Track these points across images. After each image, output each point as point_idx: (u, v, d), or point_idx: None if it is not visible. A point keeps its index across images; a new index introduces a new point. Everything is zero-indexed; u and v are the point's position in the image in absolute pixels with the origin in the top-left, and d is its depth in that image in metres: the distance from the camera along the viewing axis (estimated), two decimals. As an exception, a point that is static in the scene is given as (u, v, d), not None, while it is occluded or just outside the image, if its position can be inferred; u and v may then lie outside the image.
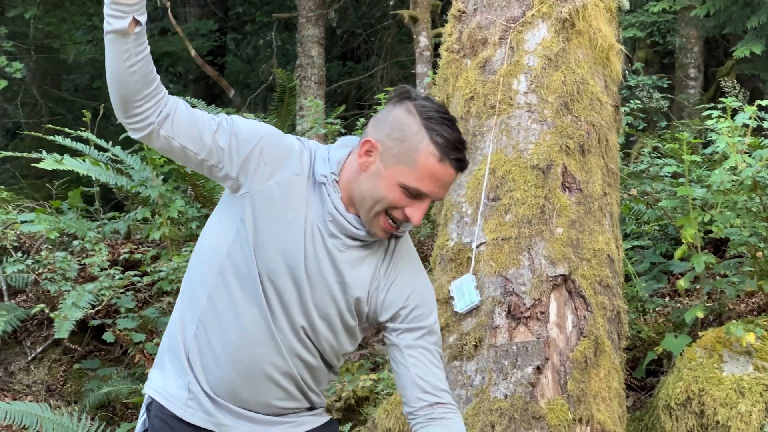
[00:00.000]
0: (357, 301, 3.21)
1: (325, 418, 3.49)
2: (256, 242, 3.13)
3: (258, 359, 3.21)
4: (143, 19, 2.90)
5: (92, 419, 6.73)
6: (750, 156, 5.65)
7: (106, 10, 2.87)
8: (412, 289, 3.26)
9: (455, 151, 2.99)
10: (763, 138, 6.41)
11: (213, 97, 17.69)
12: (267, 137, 3.13)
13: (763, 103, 5.83)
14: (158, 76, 3.05)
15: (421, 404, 3.21)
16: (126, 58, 2.92)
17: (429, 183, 3.01)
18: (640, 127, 8.42)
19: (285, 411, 3.34)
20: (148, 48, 2.98)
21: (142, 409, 3.41)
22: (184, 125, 3.06)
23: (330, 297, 3.19)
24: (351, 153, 3.16)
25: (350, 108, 13.98)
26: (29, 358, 7.50)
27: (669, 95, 10.71)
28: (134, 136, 3.08)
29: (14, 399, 6.93)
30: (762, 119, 5.99)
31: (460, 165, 3.04)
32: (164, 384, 3.33)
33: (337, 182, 3.13)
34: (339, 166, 3.14)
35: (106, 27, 2.89)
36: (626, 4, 5.47)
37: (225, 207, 3.23)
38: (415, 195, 3.03)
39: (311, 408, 3.43)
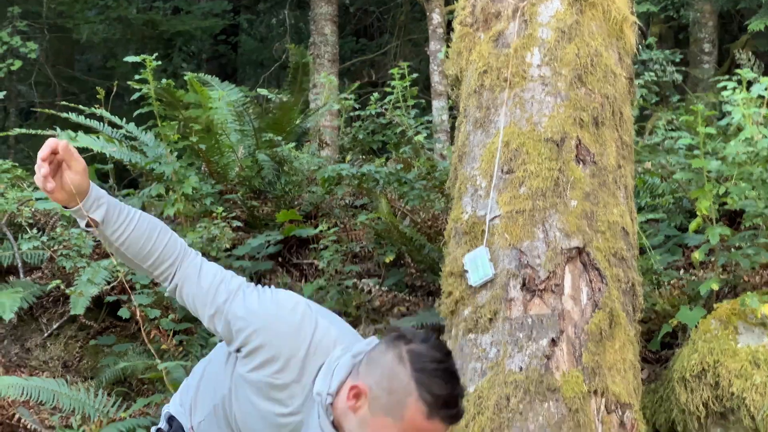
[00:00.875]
0: None
1: None
2: (232, 420, 3.21)
3: None
4: (98, 215, 2.97)
5: (108, 395, 6.74)
6: (765, 127, 5.62)
7: (76, 216, 3.01)
8: None
9: (446, 407, 2.81)
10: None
11: (226, 76, 17.68)
12: (262, 331, 3.03)
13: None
14: (164, 243, 3.09)
15: None
16: (109, 243, 3.04)
17: None
18: (654, 101, 8.40)
19: None
20: (133, 229, 3.04)
21: (162, 421, 3.52)
22: (188, 302, 3.13)
23: None
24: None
25: (364, 86, 13.95)
26: (45, 334, 7.51)
27: (684, 68, 10.67)
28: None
29: (31, 375, 6.95)
30: (776, 90, 5.95)
31: (452, 420, 2.85)
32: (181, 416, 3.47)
33: (332, 405, 2.97)
34: (339, 385, 2.96)
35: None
36: (640, -24, 5.45)
37: (225, 359, 3.26)
38: None
39: None
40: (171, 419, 3.45)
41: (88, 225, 2.99)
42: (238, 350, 3.05)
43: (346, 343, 3.04)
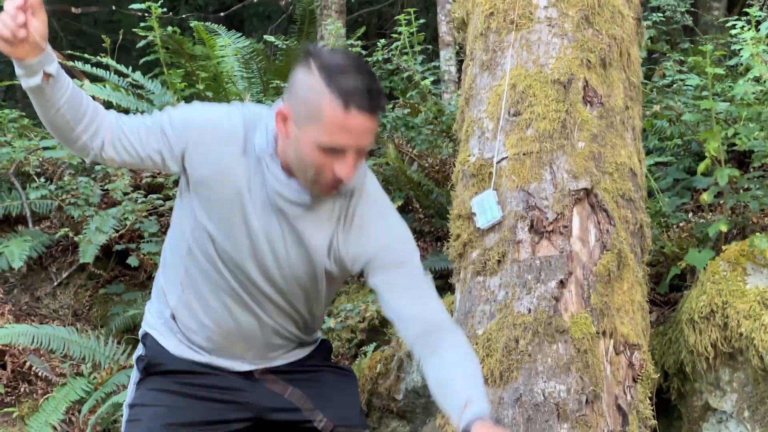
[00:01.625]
0: (322, 263, 3.25)
1: (317, 339, 3.67)
2: (210, 233, 3.21)
3: (242, 327, 3.36)
4: (53, 68, 2.90)
5: (118, 342, 6.79)
6: (775, 67, 5.59)
7: (16, 70, 2.89)
8: (377, 236, 3.27)
9: (360, 96, 2.90)
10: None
11: (232, 27, 17.60)
12: (196, 129, 3.15)
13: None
14: (91, 107, 3.07)
15: (413, 338, 3.23)
16: (48, 107, 2.95)
17: (342, 135, 2.94)
18: (664, 48, 8.35)
19: (276, 352, 3.50)
20: (71, 88, 2.99)
21: (140, 341, 3.59)
22: (121, 144, 3.12)
23: (296, 266, 3.25)
24: None
25: (371, 37, 13.87)
26: (55, 283, 7.54)
27: (695, 12, 10.59)
28: (84, 158, 3.16)
29: (41, 323, 6.98)
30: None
31: (371, 108, 2.94)
32: (156, 326, 3.51)
33: (276, 151, 3.11)
34: (274, 134, 3.11)
35: (22, 84, 2.92)
36: None
37: (181, 197, 3.32)
38: (334, 151, 2.96)
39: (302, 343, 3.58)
40: (144, 337, 3.51)
41: (36, 86, 2.92)
42: (183, 166, 3.17)
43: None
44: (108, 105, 8.05)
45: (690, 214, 6.41)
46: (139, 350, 3.52)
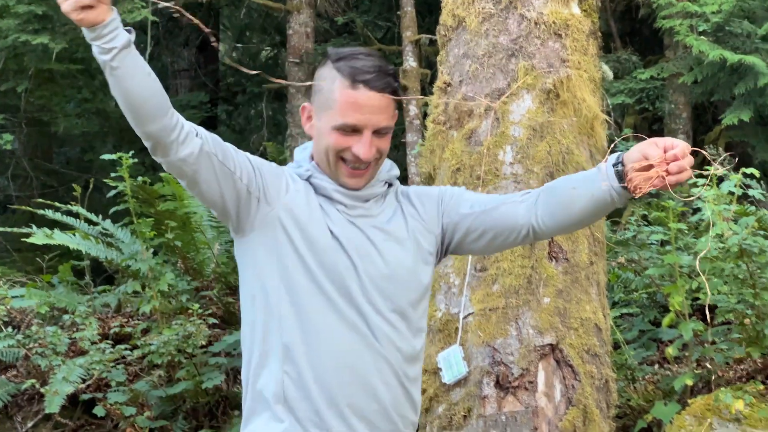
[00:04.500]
0: (414, 240, 3.16)
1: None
2: (301, 255, 3.04)
3: (358, 360, 3.04)
4: (132, 35, 2.80)
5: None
6: (736, 223, 5.69)
7: (102, 43, 2.76)
8: (433, 192, 3.26)
9: (366, 73, 2.98)
10: (748, 205, 6.45)
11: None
12: (269, 165, 3.11)
13: (748, 171, 5.88)
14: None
15: (526, 211, 3.11)
16: (143, 65, 2.83)
17: (353, 113, 2.98)
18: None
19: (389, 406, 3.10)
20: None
21: None
22: (217, 141, 3.01)
23: (389, 259, 3.09)
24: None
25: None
26: (20, 433, 7.47)
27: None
28: (182, 153, 2.93)
29: (5, 475, 6.90)
30: (747, 186, 6.03)
31: (378, 84, 2.99)
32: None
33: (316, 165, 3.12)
34: (310, 155, 3.16)
35: (106, 58, 2.77)
36: (610, 75, 5.55)
37: (256, 246, 3.11)
38: (350, 131, 3.00)
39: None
40: None
41: (126, 42, 2.77)
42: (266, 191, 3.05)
43: None
44: (78, 254, 8.09)
45: (656, 366, 6.44)
46: None
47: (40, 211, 8.31)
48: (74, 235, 8.01)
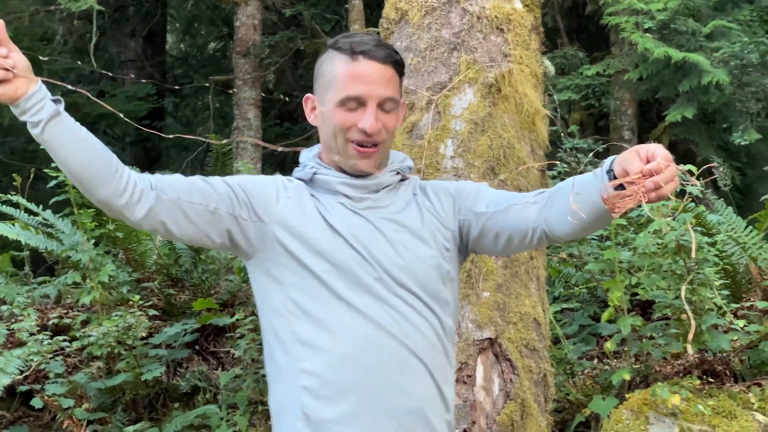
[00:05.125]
0: (431, 232, 3.08)
1: None
2: (307, 266, 2.94)
3: (379, 349, 2.91)
4: (55, 99, 2.70)
5: (20, 487, 6.66)
6: (674, 220, 5.72)
7: (27, 118, 2.67)
8: (450, 187, 3.17)
9: (366, 46, 2.95)
10: (686, 202, 6.48)
11: (151, 160, 17.67)
12: (254, 179, 3.06)
13: (686, 167, 5.90)
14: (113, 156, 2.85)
15: (536, 215, 2.96)
16: (77, 131, 2.73)
17: (354, 85, 2.93)
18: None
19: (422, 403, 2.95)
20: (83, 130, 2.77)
21: None
22: (179, 182, 2.90)
23: (401, 249, 3.00)
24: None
25: (288, 169, 14.00)
26: (-44, 424, 7.40)
27: (604, 158, 10.78)
28: (139, 213, 2.81)
29: (-60, 467, 6.83)
30: (686, 183, 6.06)
31: (378, 54, 2.96)
32: None
33: (320, 156, 3.09)
34: (316, 154, 3.11)
35: (36, 131, 2.68)
36: (552, 70, 5.56)
37: (265, 265, 3.02)
38: (353, 106, 2.94)
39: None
40: None
41: (53, 114, 2.67)
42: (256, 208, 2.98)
43: None
44: (17, 244, 8.01)
45: (595, 361, 6.48)
46: None
47: (-21, 201, 8.23)
48: (13, 225, 7.94)
